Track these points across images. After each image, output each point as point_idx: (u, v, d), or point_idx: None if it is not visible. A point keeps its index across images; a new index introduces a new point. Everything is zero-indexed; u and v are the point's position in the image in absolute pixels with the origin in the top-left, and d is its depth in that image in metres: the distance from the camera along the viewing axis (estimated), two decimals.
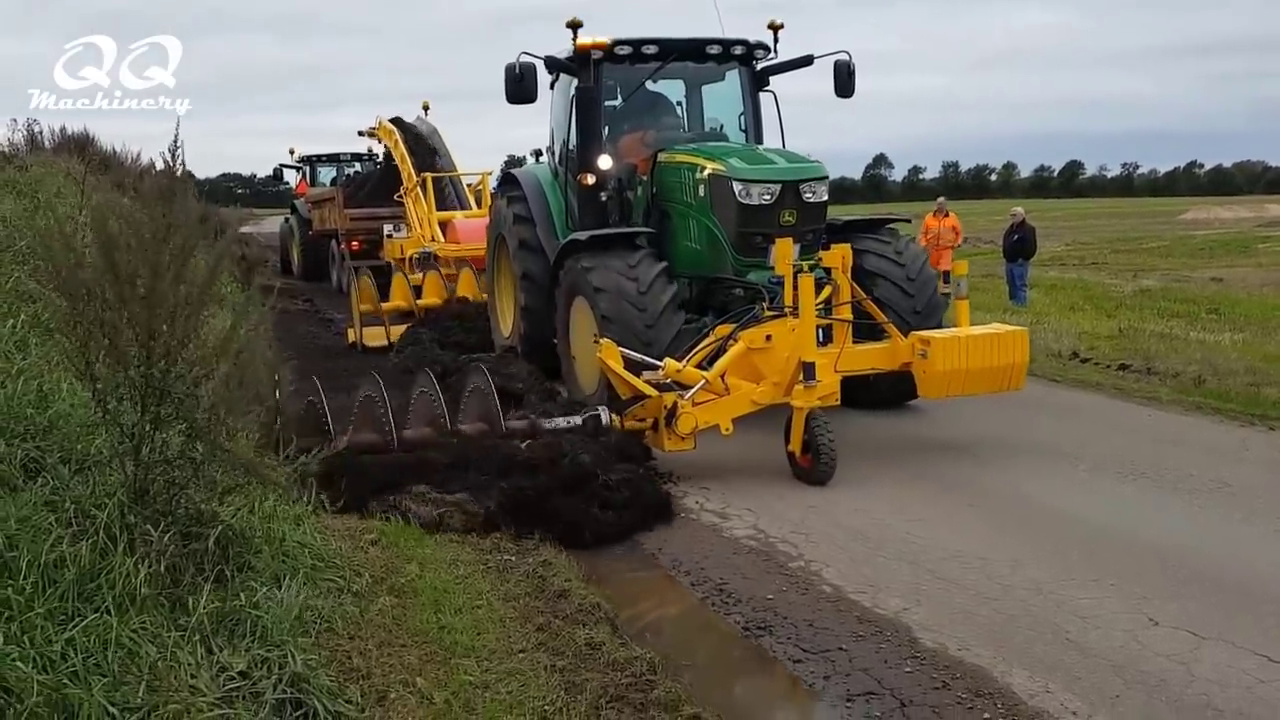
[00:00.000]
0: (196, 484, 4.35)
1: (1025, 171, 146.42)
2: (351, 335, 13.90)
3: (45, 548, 3.72)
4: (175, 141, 4.32)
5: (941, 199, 20.86)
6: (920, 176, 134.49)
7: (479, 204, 18.86)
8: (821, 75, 10.24)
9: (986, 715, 4.18)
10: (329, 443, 6.51)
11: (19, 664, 3.18)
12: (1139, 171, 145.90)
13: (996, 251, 20.51)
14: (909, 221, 11.77)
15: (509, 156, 43.30)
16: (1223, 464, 7.66)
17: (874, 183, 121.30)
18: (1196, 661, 4.55)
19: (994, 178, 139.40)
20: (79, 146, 15.70)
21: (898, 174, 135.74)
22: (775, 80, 10.54)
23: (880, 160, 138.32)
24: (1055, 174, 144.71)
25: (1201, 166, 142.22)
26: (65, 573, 3.68)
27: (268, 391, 5.15)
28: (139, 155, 16.60)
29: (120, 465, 4.26)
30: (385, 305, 14.20)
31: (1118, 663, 4.56)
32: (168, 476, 4.25)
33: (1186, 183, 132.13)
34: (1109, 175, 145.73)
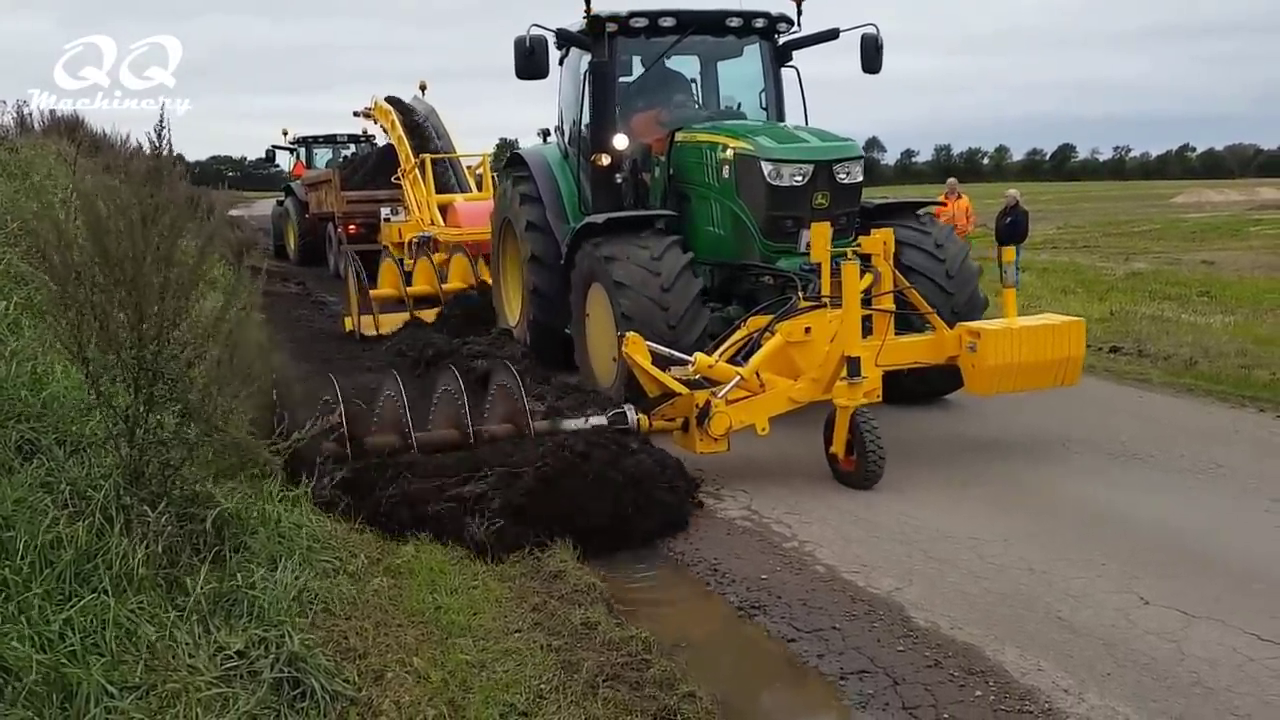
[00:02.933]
0: (191, 465, 4.36)
1: (1018, 155, 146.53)
2: (349, 323, 13.30)
3: (42, 529, 3.73)
4: (161, 122, 4.30)
5: (952, 180, 20.20)
6: (913, 160, 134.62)
7: (479, 186, 18.49)
8: (815, 54, 10.00)
9: (978, 693, 4.21)
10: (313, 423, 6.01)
11: (17, 643, 3.20)
12: (1131, 155, 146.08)
13: (988, 234, 20.48)
14: (944, 204, 11.39)
15: (501, 139, 43.02)
16: (1214, 445, 7.70)
17: (866, 166, 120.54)
18: (1187, 640, 4.59)
19: (986, 161, 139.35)
20: (69, 129, 15.62)
21: (890, 157, 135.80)
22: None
23: (873, 144, 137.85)
24: (1047, 157, 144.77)
25: (1194, 150, 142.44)
26: (62, 553, 3.69)
27: (260, 372, 5.15)
28: (128, 137, 16.53)
29: (115, 447, 4.27)
30: (410, 290, 13.59)
31: (1109, 641, 4.60)
32: (163, 458, 4.26)
33: (1178, 166, 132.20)
34: (1101, 158, 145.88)
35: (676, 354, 7.13)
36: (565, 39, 9.75)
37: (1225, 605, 4.91)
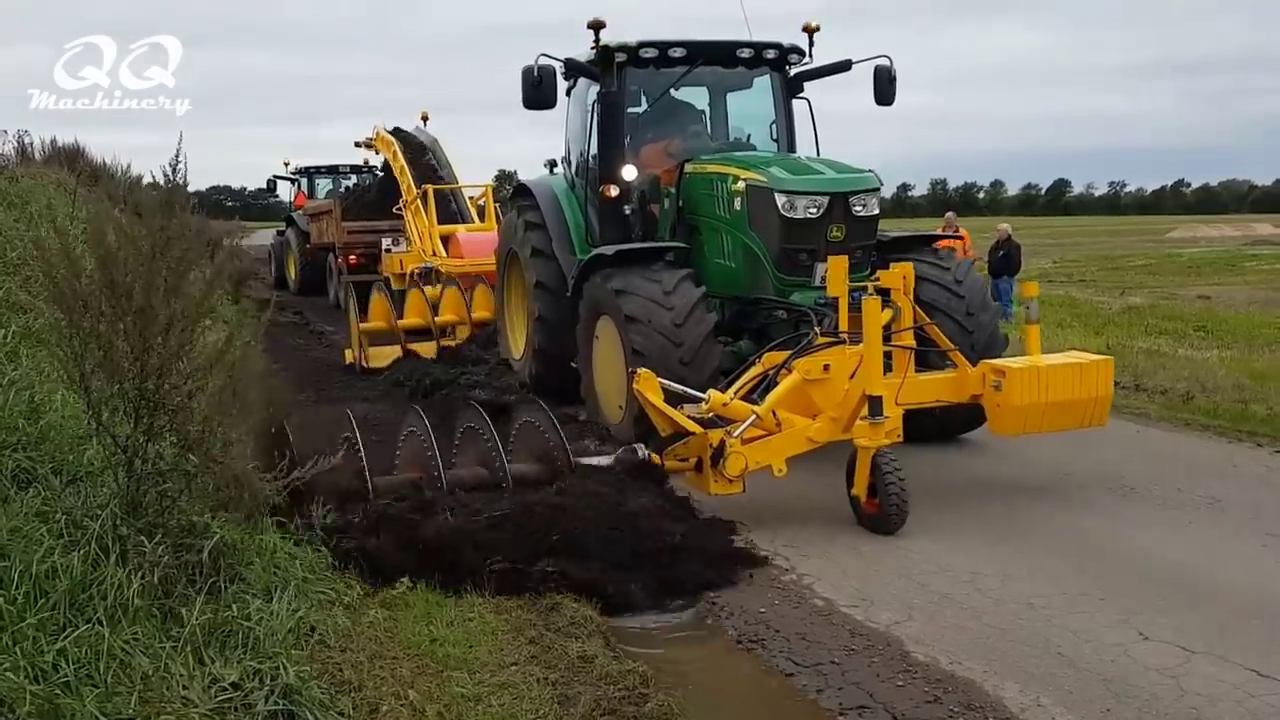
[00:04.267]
0: (189, 496, 4.34)
1: (1013, 189, 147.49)
2: (350, 355, 13.12)
3: (37, 558, 3.71)
4: (178, 155, 4.34)
5: (950, 214, 20.10)
6: (909, 194, 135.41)
7: (481, 217, 18.38)
8: (811, 87, 9.89)
9: None
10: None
11: (10, 674, 3.18)
12: (1126, 190, 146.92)
13: (982, 268, 20.57)
14: (961, 238, 11.03)
15: (500, 170, 43.20)
16: (1212, 479, 7.70)
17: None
18: (1186, 675, 4.57)
19: (982, 195, 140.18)
20: (69, 158, 15.67)
21: (886, 191, 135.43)
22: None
23: None
24: (1043, 192, 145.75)
25: (1188, 185, 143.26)
26: (57, 583, 3.67)
27: (261, 405, 5.14)
28: (129, 167, 16.61)
29: (113, 477, 4.26)
30: (441, 319, 13.09)
31: (1108, 676, 4.58)
32: (160, 488, 4.25)
33: (1173, 201, 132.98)
34: (1096, 193, 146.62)
35: (690, 391, 6.86)
36: (574, 69, 9.63)
37: (1224, 641, 4.89)
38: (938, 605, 5.43)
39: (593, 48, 9.26)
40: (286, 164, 27.63)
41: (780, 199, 8.13)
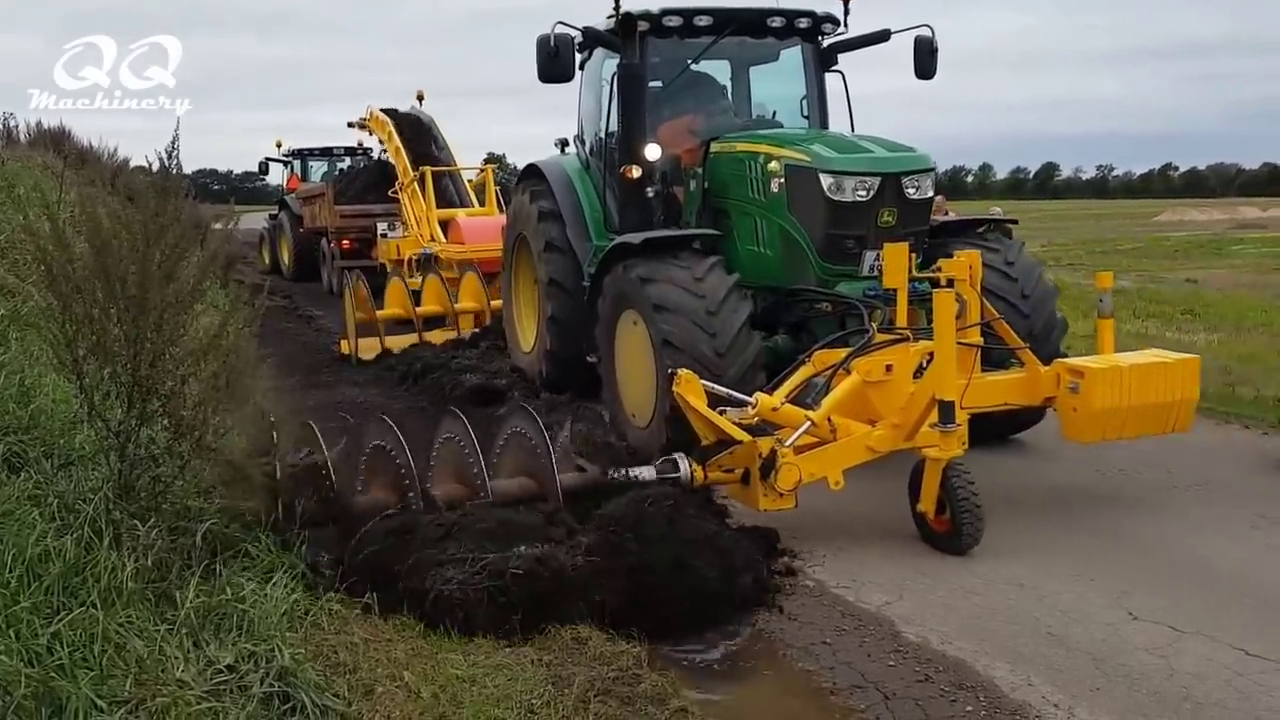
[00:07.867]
0: (183, 480, 4.34)
1: (1001, 173, 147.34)
2: (346, 346, 12.55)
3: (30, 542, 3.71)
4: (174, 142, 4.32)
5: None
6: None
7: (480, 201, 18.05)
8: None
9: (969, 708, 4.22)
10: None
11: (5, 657, 3.18)
12: (1114, 173, 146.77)
13: None
14: (1016, 222, 10.51)
15: (489, 154, 42.91)
16: (1200, 461, 7.74)
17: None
18: (1176, 655, 4.62)
19: (970, 179, 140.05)
20: (55, 141, 15.59)
21: None
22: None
23: None
24: (1031, 175, 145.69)
25: (1176, 169, 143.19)
26: (50, 567, 3.68)
27: (254, 390, 5.11)
28: (115, 150, 16.52)
29: (105, 461, 4.26)
30: (420, 310, 12.63)
31: (1098, 656, 4.62)
32: (153, 473, 4.24)
33: (1161, 185, 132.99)
34: (1084, 177, 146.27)
35: (735, 394, 6.23)
36: (592, 38, 8.87)
37: (1214, 620, 4.94)
38: (928, 586, 5.46)
39: (611, 16, 8.51)
40: (279, 145, 27.05)
41: (825, 180, 7.41)
